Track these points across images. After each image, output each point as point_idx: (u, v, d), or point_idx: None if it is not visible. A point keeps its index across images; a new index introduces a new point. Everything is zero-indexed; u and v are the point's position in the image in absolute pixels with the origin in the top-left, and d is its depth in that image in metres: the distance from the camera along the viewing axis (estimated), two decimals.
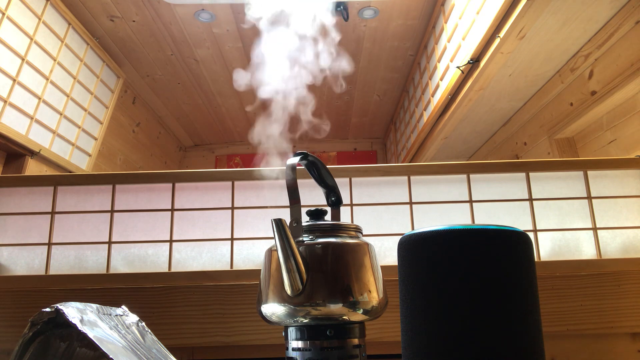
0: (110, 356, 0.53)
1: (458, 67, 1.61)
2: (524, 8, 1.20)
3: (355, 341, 0.63)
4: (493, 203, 1.01)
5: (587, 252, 0.98)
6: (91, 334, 0.55)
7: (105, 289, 0.94)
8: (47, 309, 0.56)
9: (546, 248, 0.98)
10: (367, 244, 0.68)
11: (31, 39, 1.62)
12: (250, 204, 1.01)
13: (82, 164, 2.04)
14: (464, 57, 1.56)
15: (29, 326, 0.56)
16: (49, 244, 0.98)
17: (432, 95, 2.04)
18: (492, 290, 0.51)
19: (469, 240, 0.53)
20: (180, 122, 3.08)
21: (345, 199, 1.00)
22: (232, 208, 1.00)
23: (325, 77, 1.01)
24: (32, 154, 1.69)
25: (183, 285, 0.93)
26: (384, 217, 1.00)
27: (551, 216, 1.00)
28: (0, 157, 1.65)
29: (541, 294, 0.57)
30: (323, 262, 0.63)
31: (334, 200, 0.77)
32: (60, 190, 1.02)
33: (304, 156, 0.71)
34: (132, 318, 0.71)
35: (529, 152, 1.98)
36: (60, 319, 0.56)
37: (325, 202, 0.78)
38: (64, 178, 1.04)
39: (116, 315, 0.67)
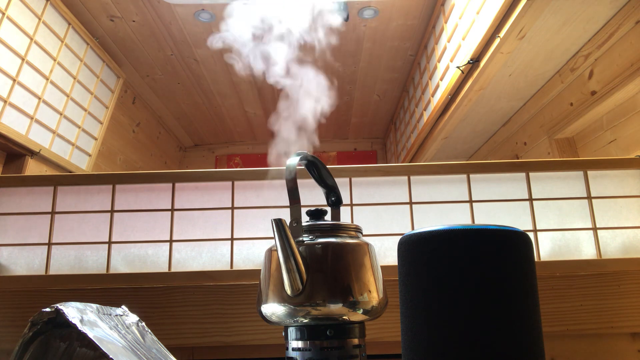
0: (110, 356, 0.53)
1: (458, 67, 1.61)
2: (524, 8, 1.20)
3: (355, 341, 0.63)
4: (493, 203, 1.01)
5: (587, 252, 0.98)
6: (91, 334, 0.55)
7: (105, 289, 0.94)
8: (47, 309, 0.56)
9: (546, 248, 0.98)
10: (367, 244, 0.68)
11: (31, 39, 1.62)
12: (250, 204, 1.01)
13: (82, 164, 2.04)
14: (464, 57, 1.56)
15: (29, 326, 0.56)
16: (49, 244, 0.98)
17: (432, 95, 2.04)
18: (492, 290, 0.51)
19: (468, 240, 0.53)
20: (180, 122, 3.08)
21: (345, 199, 1.00)
22: (232, 208, 1.00)
23: (325, 76, 1.01)
24: (32, 154, 1.69)
25: (183, 285, 0.93)
26: (384, 217, 1.00)
27: (551, 216, 1.00)
28: (0, 157, 1.65)
29: (541, 294, 0.57)
30: (323, 262, 0.63)
31: (334, 200, 0.77)
32: (60, 190, 1.02)
33: (304, 156, 0.71)
34: (132, 318, 0.71)
35: (529, 152, 1.98)
36: (60, 319, 0.56)
37: (325, 202, 0.78)
38: (64, 178, 1.04)
39: (116, 315, 0.67)
